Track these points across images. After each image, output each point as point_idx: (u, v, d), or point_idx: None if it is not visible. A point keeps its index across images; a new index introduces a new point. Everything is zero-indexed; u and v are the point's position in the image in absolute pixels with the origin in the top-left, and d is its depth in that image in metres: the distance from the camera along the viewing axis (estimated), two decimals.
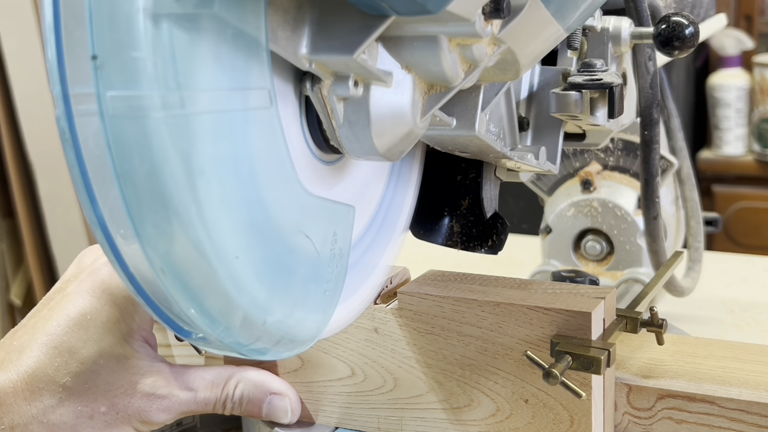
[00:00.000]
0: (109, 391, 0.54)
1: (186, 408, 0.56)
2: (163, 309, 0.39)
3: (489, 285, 0.57)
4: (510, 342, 0.54)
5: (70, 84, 0.34)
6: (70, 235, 1.94)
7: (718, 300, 0.98)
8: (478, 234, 0.57)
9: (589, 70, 0.56)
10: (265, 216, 0.40)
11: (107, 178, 0.35)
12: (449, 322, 0.55)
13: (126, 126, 0.34)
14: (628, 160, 0.85)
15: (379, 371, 0.58)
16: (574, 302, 0.53)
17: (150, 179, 0.34)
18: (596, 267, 0.86)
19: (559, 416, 0.54)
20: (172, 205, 0.35)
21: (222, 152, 0.36)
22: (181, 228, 0.35)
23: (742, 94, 2.26)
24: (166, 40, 0.33)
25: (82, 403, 0.54)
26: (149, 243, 0.36)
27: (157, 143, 0.34)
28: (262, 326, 0.40)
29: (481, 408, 0.56)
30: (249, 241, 0.39)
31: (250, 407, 0.59)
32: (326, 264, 0.46)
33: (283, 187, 0.41)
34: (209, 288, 0.37)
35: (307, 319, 0.44)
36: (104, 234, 0.36)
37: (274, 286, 0.41)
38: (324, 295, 0.46)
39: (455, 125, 0.49)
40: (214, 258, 0.36)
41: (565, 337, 0.52)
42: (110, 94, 0.33)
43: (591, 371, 0.50)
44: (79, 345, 0.54)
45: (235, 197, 0.38)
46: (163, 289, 0.37)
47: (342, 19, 0.39)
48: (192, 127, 0.35)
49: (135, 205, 0.35)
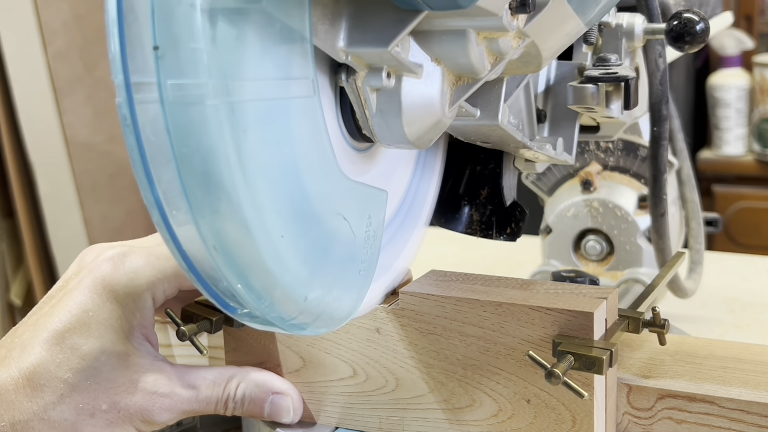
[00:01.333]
0: (111, 389, 0.54)
1: (188, 407, 0.56)
2: (211, 285, 0.41)
3: (491, 285, 0.57)
4: (512, 342, 0.54)
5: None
6: (70, 235, 1.94)
7: (718, 300, 0.98)
8: (497, 222, 0.60)
9: (604, 65, 0.59)
10: (307, 198, 0.42)
11: (162, 161, 0.37)
12: (451, 322, 0.55)
13: (184, 112, 0.36)
14: (628, 160, 0.85)
15: (380, 371, 0.58)
16: (577, 302, 0.53)
17: (205, 162, 0.37)
18: (596, 267, 0.86)
19: (561, 416, 0.54)
20: (224, 186, 0.37)
21: (269, 137, 0.39)
22: (232, 208, 0.38)
23: (742, 94, 2.26)
24: (220, 33, 0.36)
25: (83, 400, 0.54)
26: (203, 222, 0.38)
27: (211, 128, 0.36)
28: (303, 302, 0.43)
29: (483, 408, 0.56)
30: (292, 221, 0.41)
31: (252, 407, 0.59)
32: (361, 245, 0.48)
33: (323, 171, 0.44)
34: (256, 265, 0.40)
35: (343, 297, 0.47)
36: (160, 214, 0.38)
37: (314, 265, 0.43)
38: (359, 275, 0.48)
39: (479, 116, 0.51)
40: (261, 237, 0.39)
41: (568, 337, 0.52)
42: (170, 82, 0.36)
43: (593, 371, 0.50)
44: (81, 342, 0.54)
45: (281, 180, 0.40)
46: (213, 266, 0.39)
47: (377, 13, 0.41)
48: (243, 113, 0.37)
49: (191, 186, 0.37)
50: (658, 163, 0.69)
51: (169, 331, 0.67)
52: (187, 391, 0.56)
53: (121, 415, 0.54)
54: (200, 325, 0.58)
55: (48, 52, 1.86)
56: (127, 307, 0.55)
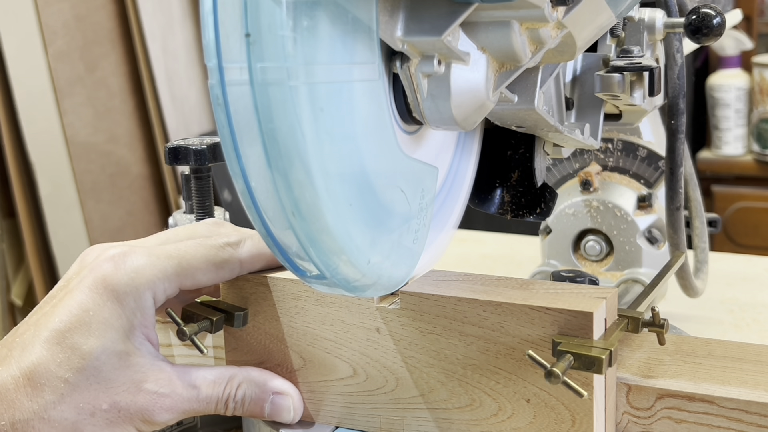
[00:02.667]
0: (111, 389, 0.54)
1: (188, 407, 0.56)
2: (285, 250, 0.46)
3: (490, 285, 0.57)
4: (512, 342, 0.54)
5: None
6: (70, 235, 1.94)
7: (718, 300, 0.98)
8: (527, 203, 0.64)
9: (628, 56, 0.64)
10: (371, 171, 0.47)
11: (247, 138, 0.42)
12: (451, 322, 0.56)
13: (270, 92, 0.41)
14: (628, 160, 0.85)
15: (380, 371, 0.58)
16: (576, 302, 0.53)
17: (286, 136, 0.41)
18: (596, 267, 0.86)
19: (560, 416, 0.54)
20: (303, 158, 0.42)
21: (341, 115, 0.44)
22: (309, 178, 0.42)
23: (742, 94, 2.26)
24: (300, 22, 0.40)
25: (84, 399, 0.54)
26: (283, 191, 0.43)
27: (292, 107, 0.41)
28: (365, 266, 0.47)
29: (482, 408, 0.56)
30: (358, 191, 0.46)
31: (253, 407, 0.59)
32: (415, 216, 0.52)
33: (385, 147, 0.48)
34: (326, 231, 0.44)
35: (399, 263, 0.51)
36: (245, 184, 0.44)
37: (376, 232, 0.48)
38: (413, 244, 0.52)
39: (517, 101, 0.55)
40: (332, 205, 0.44)
41: (567, 337, 0.52)
42: (259, 65, 0.41)
43: (593, 371, 0.51)
44: (81, 341, 0.54)
45: (350, 154, 0.45)
46: (291, 231, 0.44)
47: (432, 6, 0.46)
48: (319, 94, 0.42)
49: (275, 158, 0.42)
50: (675, 156, 0.71)
51: (169, 331, 0.68)
52: (187, 391, 0.56)
53: (121, 415, 0.54)
54: (200, 325, 0.58)
55: (48, 53, 1.86)
56: (128, 307, 0.55)
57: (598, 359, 0.50)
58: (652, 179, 0.85)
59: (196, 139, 0.74)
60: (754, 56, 2.27)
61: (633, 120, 0.72)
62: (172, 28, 2.07)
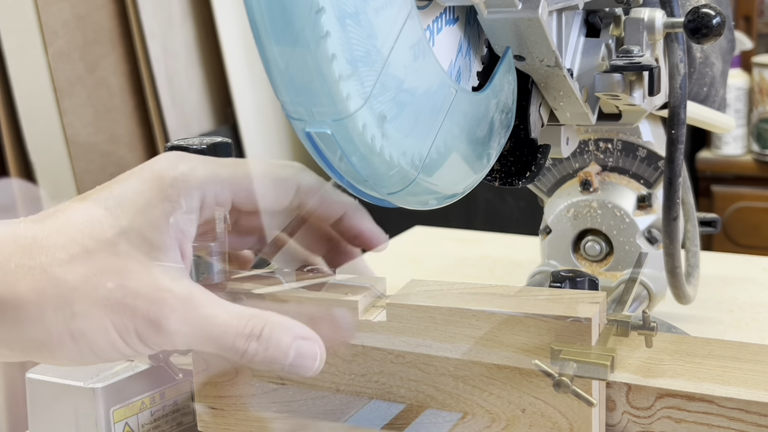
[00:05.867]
0: (123, 269, 0.50)
1: (202, 324, 0.50)
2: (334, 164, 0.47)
3: (479, 293, 0.56)
4: (506, 351, 0.53)
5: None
6: None
7: (717, 300, 0.98)
8: (517, 171, 0.64)
9: (627, 55, 0.64)
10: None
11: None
12: (441, 333, 0.55)
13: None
14: (628, 161, 0.85)
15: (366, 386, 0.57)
16: (573, 309, 0.53)
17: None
18: (595, 267, 0.86)
19: (557, 424, 0.53)
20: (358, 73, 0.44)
21: (398, 38, 0.45)
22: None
23: (741, 94, 2.26)
24: None
25: (90, 268, 0.50)
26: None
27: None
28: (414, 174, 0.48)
29: (475, 420, 0.55)
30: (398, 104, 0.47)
31: (275, 351, 0.51)
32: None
33: (428, 70, 0.49)
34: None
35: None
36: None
37: (419, 138, 0.48)
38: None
39: (521, 7, 0.54)
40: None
41: (566, 344, 0.52)
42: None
43: (596, 377, 0.50)
44: (110, 218, 0.51)
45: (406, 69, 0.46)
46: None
47: None
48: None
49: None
50: (674, 165, 0.70)
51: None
52: (206, 307, 0.51)
53: (125, 300, 0.50)
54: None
55: (49, 53, 1.86)
56: (173, 201, 0.52)
57: (602, 365, 0.50)
58: (652, 179, 0.85)
59: (196, 139, 0.74)
60: (754, 56, 2.27)
61: (632, 120, 0.71)
62: (172, 28, 2.07)
